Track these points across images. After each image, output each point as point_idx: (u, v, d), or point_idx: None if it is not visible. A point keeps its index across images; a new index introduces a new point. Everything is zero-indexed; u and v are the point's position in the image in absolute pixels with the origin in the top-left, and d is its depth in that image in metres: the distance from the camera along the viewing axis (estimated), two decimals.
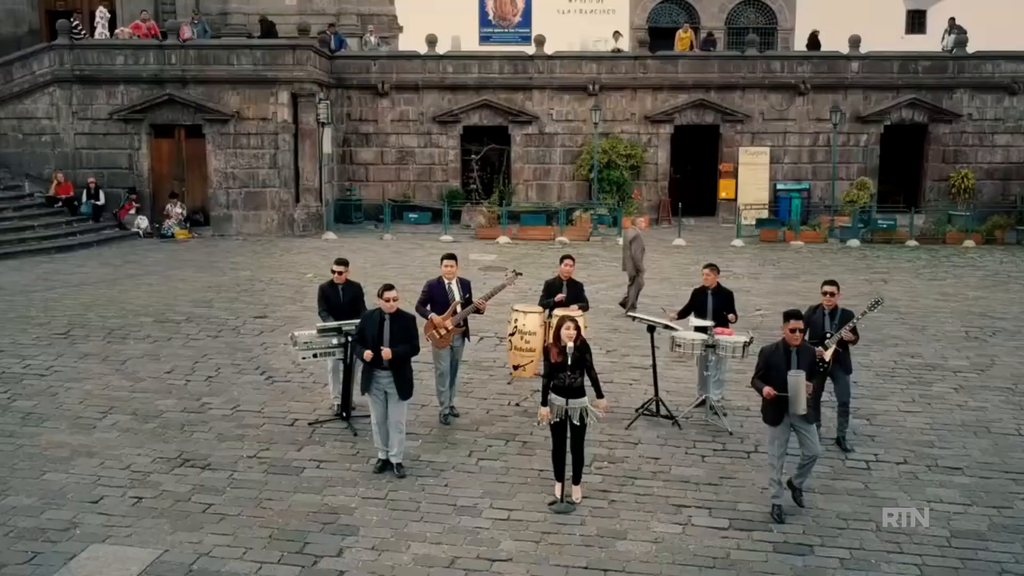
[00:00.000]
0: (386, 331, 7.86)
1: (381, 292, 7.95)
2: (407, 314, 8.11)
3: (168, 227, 21.28)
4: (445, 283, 9.36)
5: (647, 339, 12.23)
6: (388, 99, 24.64)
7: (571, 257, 10.01)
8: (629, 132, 24.69)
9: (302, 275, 16.96)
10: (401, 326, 7.95)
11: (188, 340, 12.36)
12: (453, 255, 9.44)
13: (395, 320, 7.93)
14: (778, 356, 7.40)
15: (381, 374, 7.86)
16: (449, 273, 9.33)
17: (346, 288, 9.52)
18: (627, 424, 9.32)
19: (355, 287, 9.62)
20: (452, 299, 9.26)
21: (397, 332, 7.89)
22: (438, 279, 9.44)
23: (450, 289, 9.34)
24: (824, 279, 8.97)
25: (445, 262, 9.36)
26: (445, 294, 9.31)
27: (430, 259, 18.91)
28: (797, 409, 7.09)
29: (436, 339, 9.22)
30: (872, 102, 24.69)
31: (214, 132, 21.61)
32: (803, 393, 7.06)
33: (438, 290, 9.34)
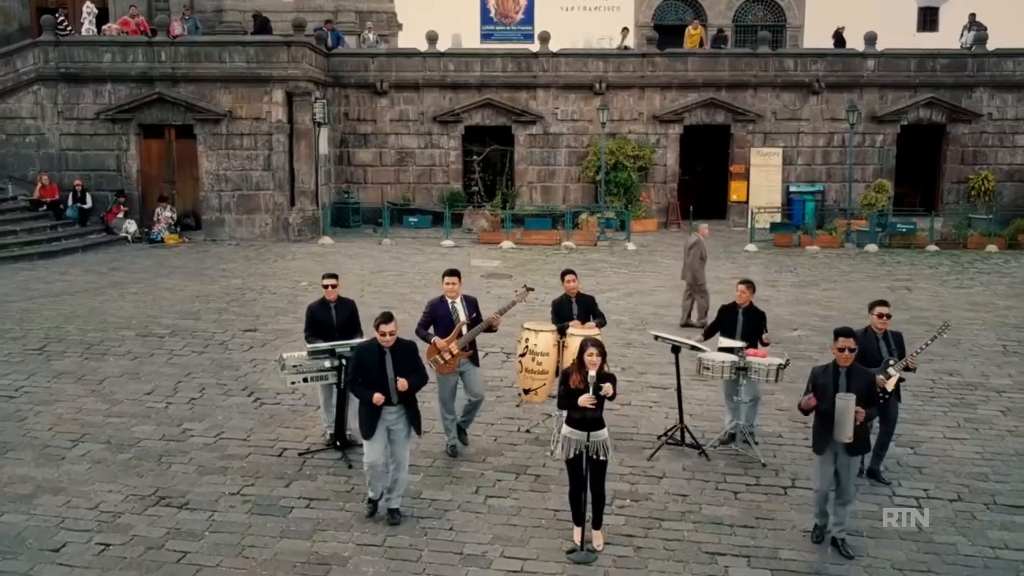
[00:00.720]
0: (389, 366, 6.97)
1: (377, 324, 7.03)
2: (407, 342, 7.22)
3: (157, 232, 20.44)
4: (448, 302, 8.49)
5: (664, 354, 11.42)
6: (387, 98, 23.80)
7: (572, 272, 9.13)
8: (637, 132, 23.85)
9: (296, 283, 16.11)
10: (405, 357, 7.07)
11: (171, 356, 11.51)
12: (456, 271, 8.56)
13: (396, 352, 7.03)
14: (827, 377, 6.71)
15: (389, 410, 6.99)
16: (452, 291, 8.47)
17: (339, 306, 8.66)
18: (649, 454, 8.48)
19: (349, 305, 8.76)
20: (456, 320, 8.39)
21: (402, 365, 7.01)
22: (440, 298, 8.57)
23: (454, 309, 8.47)
24: (875, 299, 8.07)
25: (447, 279, 8.49)
26: (449, 315, 8.44)
27: (430, 265, 18.09)
28: (841, 435, 6.45)
29: (440, 364, 8.36)
30: (888, 101, 23.85)
31: (205, 132, 20.77)
32: (851, 418, 6.38)
33: (441, 310, 8.48)
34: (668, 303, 14.95)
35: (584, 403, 6.44)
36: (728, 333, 8.79)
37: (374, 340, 7.11)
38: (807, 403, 6.70)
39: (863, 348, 7.58)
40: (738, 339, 8.68)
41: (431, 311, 8.54)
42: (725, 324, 8.92)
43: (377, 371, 6.95)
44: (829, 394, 6.55)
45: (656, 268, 18.24)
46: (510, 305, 8.68)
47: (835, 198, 24.08)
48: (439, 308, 8.51)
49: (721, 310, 9.08)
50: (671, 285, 16.42)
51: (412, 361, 7.11)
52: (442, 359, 8.35)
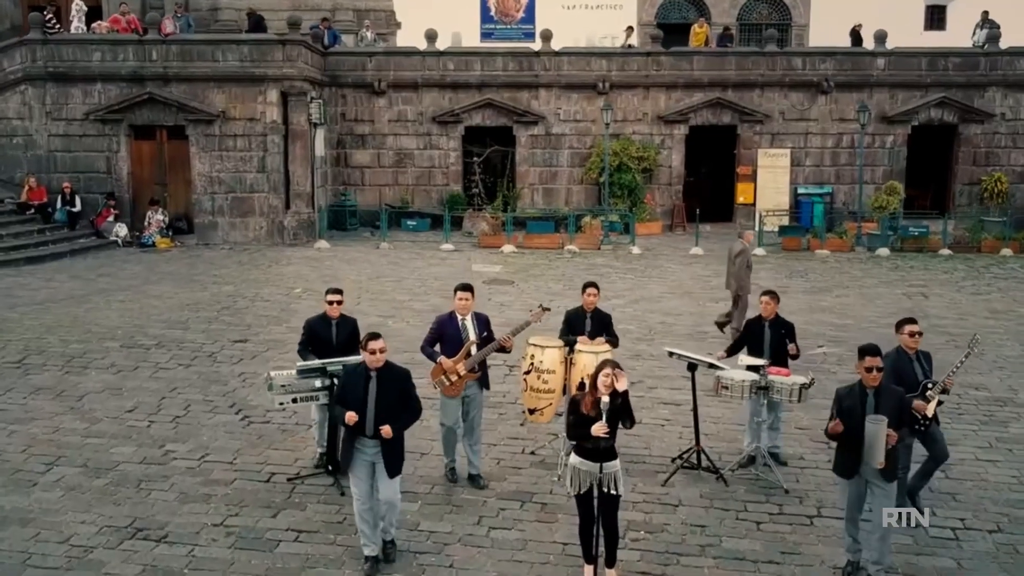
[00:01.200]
0: (372, 392, 6.27)
1: (364, 343, 6.40)
2: (399, 368, 6.55)
3: (149, 236, 19.86)
4: (458, 319, 7.83)
5: (675, 367, 10.86)
6: (385, 98, 23.22)
7: (595, 285, 8.54)
8: (641, 133, 23.28)
9: (290, 290, 15.54)
10: (392, 385, 6.35)
11: (157, 370, 10.93)
12: (469, 286, 7.90)
13: (384, 377, 6.34)
14: (853, 399, 6.17)
15: (367, 443, 6.31)
16: (464, 308, 7.80)
17: (341, 324, 8.06)
18: (664, 479, 7.90)
19: (351, 323, 8.16)
20: (466, 338, 7.78)
21: (387, 394, 6.30)
22: (449, 315, 7.93)
23: (464, 327, 7.83)
24: (904, 317, 7.48)
25: (460, 295, 7.80)
26: (458, 332, 7.79)
27: (429, 270, 17.53)
28: (872, 460, 5.93)
29: (445, 386, 7.75)
30: (899, 101, 23.28)
31: (198, 133, 20.19)
32: (882, 443, 5.86)
33: (450, 328, 7.84)
34: (676, 311, 14.38)
35: (598, 433, 5.87)
36: (755, 349, 8.20)
37: (361, 364, 6.48)
38: (833, 429, 6.17)
39: (898, 371, 7.01)
40: (766, 355, 8.12)
41: (439, 328, 7.93)
42: (751, 340, 8.34)
43: (359, 396, 6.28)
44: (856, 417, 6.03)
45: (662, 274, 17.68)
46: (524, 325, 8.06)
47: (844, 200, 23.51)
48: (448, 325, 7.89)
49: (746, 326, 8.52)
50: (679, 292, 15.87)
51: (403, 390, 6.40)
52: (447, 380, 7.75)
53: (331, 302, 8.01)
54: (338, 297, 8.02)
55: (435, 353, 7.80)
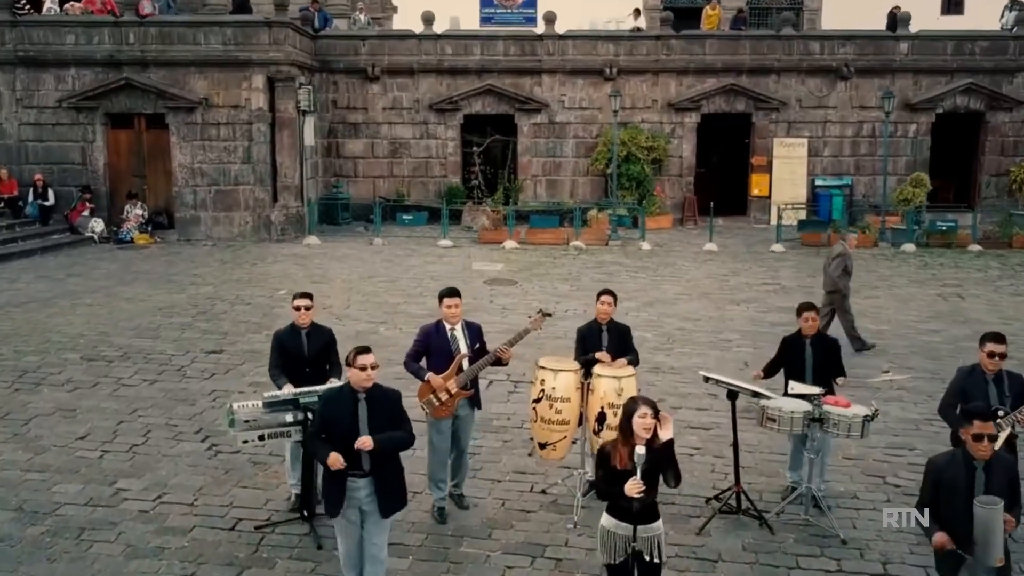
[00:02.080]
0: (362, 418, 5.20)
1: (352, 358, 5.26)
2: (390, 390, 5.46)
3: (126, 231, 18.62)
4: (447, 329, 6.77)
5: (697, 382, 9.68)
6: (379, 84, 21.95)
7: (610, 293, 7.33)
8: (650, 121, 22.02)
9: (274, 292, 14.32)
10: (385, 409, 5.28)
11: (118, 387, 9.72)
12: (455, 291, 6.82)
13: (375, 400, 5.25)
14: (955, 471, 4.78)
15: (357, 483, 5.21)
16: (452, 316, 6.75)
17: (313, 335, 6.92)
18: (699, 526, 6.71)
19: (324, 333, 7.01)
20: (456, 351, 6.67)
21: (380, 419, 5.22)
22: (436, 324, 6.84)
23: (453, 337, 6.76)
24: (988, 332, 6.28)
25: (446, 301, 6.76)
26: (447, 345, 6.74)
27: (426, 269, 16.32)
28: (988, 559, 4.53)
29: (434, 407, 6.65)
30: (923, 88, 22.03)
31: (179, 122, 18.92)
32: (999, 535, 4.51)
33: (437, 339, 6.75)
34: (695, 315, 13.17)
35: (632, 492, 4.67)
36: (795, 371, 7.03)
37: (345, 386, 5.36)
38: (941, 544, 4.67)
39: (967, 392, 5.86)
40: (808, 378, 6.96)
41: (424, 339, 6.83)
42: (790, 360, 7.16)
43: (348, 426, 5.17)
44: (961, 497, 4.64)
45: (676, 272, 16.46)
46: (523, 334, 6.94)
47: (864, 192, 22.29)
48: (434, 336, 6.79)
49: (783, 344, 7.31)
50: (696, 293, 14.66)
51: (395, 414, 5.32)
52: (437, 400, 6.65)
53: (298, 308, 6.87)
54: (306, 302, 6.88)
55: (421, 369, 6.73)
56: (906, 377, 9.89)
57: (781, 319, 12.90)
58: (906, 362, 10.93)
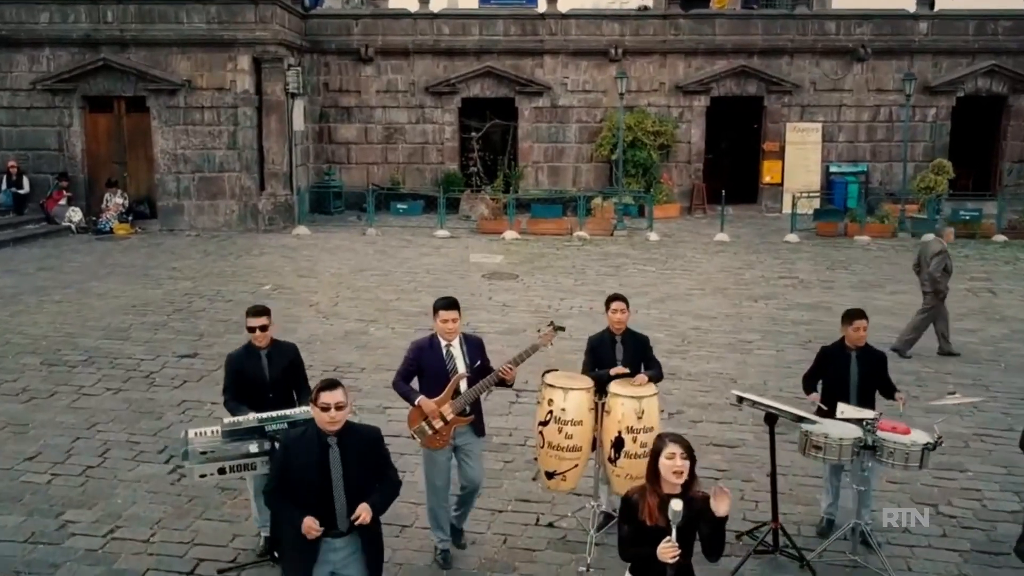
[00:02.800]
0: (335, 468, 4.22)
1: (316, 394, 4.26)
2: (365, 430, 4.46)
3: (106, 221, 17.67)
4: (442, 345, 5.80)
5: (722, 390, 8.79)
6: (373, 66, 20.93)
7: (622, 298, 6.37)
8: (657, 105, 21.03)
9: (258, 287, 13.39)
10: (362, 455, 4.30)
11: (78, 396, 8.79)
12: (453, 303, 5.83)
13: (349, 445, 4.27)
14: None
15: (334, 544, 4.27)
16: (449, 331, 5.77)
17: (274, 354, 5.95)
18: (733, 569, 5.80)
19: (287, 351, 6.05)
20: (453, 371, 5.74)
21: (357, 468, 4.26)
22: (430, 339, 5.89)
23: (449, 355, 5.80)
24: None
25: (442, 314, 5.75)
26: (442, 363, 5.77)
27: (421, 261, 15.38)
28: None
29: (427, 436, 5.72)
30: (943, 70, 21.04)
31: (160, 105, 17.93)
32: None
33: (430, 356, 5.80)
34: (710, 312, 12.23)
35: (667, 557, 3.75)
36: (836, 388, 6.10)
37: (310, 427, 4.37)
38: None
39: None
40: (852, 396, 6.05)
41: (415, 357, 5.87)
42: (832, 375, 6.22)
43: (317, 479, 4.22)
44: None
45: (687, 264, 15.52)
46: (531, 351, 5.97)
47: (880, 180, 21.33)
48: (428, 353, 5.84)
49: (823, 356, 6.37)
50: (709, 288, 13.72)
51: (375, 460, 4.36)
52: (429, 428, 5.72)
53: (252, 329, 5.86)
54: (262, 321, 5.86)
55: (411, 392, 5.76)
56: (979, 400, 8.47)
57: (803, 317, 12.00)
58: (943, 367, 10.01)
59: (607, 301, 6.39)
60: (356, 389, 9.00)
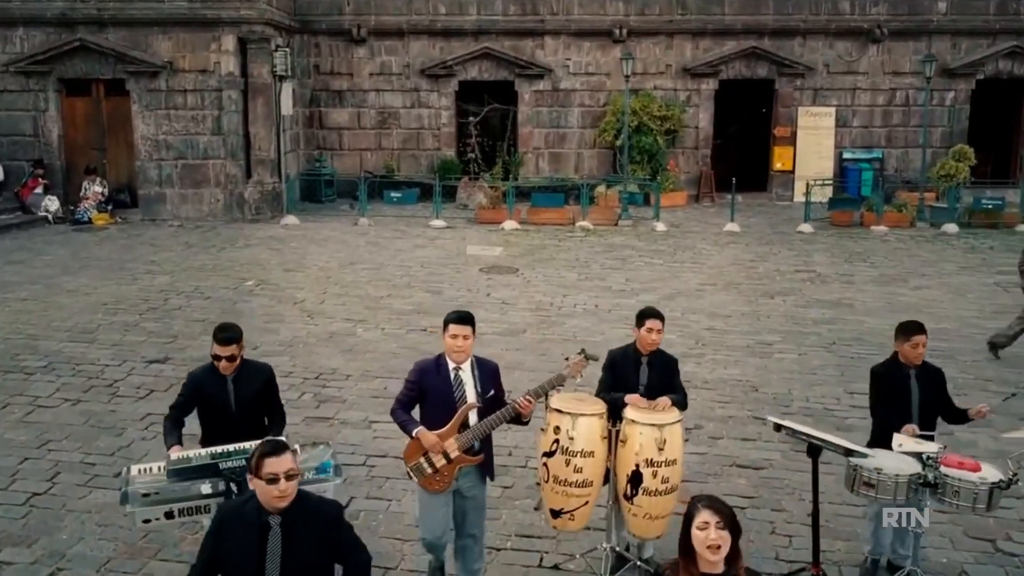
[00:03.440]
0: (272, 559, 3.38)
1: (257, 462, 3.41)
2: (321, 505, 3.60)
3: (84, 210, 16.79)
4: (450, 368, 4.94)
5: (743, 401, 7.99)
6: (365, 47, 19.99)
7: (658, 315, 5.48)
8: (664, 88, 20.11)
9: (241, 282, 12.55)
10: (314, 543, 3.45)
11: (32, 409, 7.97)
12: (467, 317, 4.94)
13: (294, 527, 3.42)
14: None
15: None
16: (459, 350, 4.90)
17: (243, 377, 5.11)
18: None
19: (259, 374, 5.22)
20: (461, 400, 4.91)
21: (303, 559, 3.41)
22: (437, 360, 5.02)
23: (458, 381, 4.94)
24: None
25: (452, 329, 4.88)
26: (449, 389, 4.92)
27: (415, 254, 14.53)
28: None
29: (425, 475, 4.87)
30: (962, 51, 20.11)
31: (140, 88, 17.02)
32: None
33: (436, 382, 4.95)
34: (723, 310, 11.39)
35: None
36: (897, 412, 5.26)
37: (250, 501, 3.50)
38: None
39: None
40: (915, 420, 5.21)
41: (419, 379, 5.00)
42: (889, 400, 5.37)
43: (252, 567, 3.37)
44: None
45: (697, 257, 14.67)
46: (557, 382, 5.07)
47: (896, 166, 20.44)
48: (433, 376, 4.97)
49: (877, 378, 5.51)
50: (722, 283, 12.88)
51: (329, 547, 3.50)
52: (429, 466, 4.87)
53: (217, 358, 5.00)
54: (229, 351, 4.99)
55: (410, 421, 4.91)
56: None
57: (824, 315, 11.17)
58: (982, 372, 9.18)
59: (640, 316, 5.51)
60: (339, 400, 8.18)
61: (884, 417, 5.29)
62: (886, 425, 5.18)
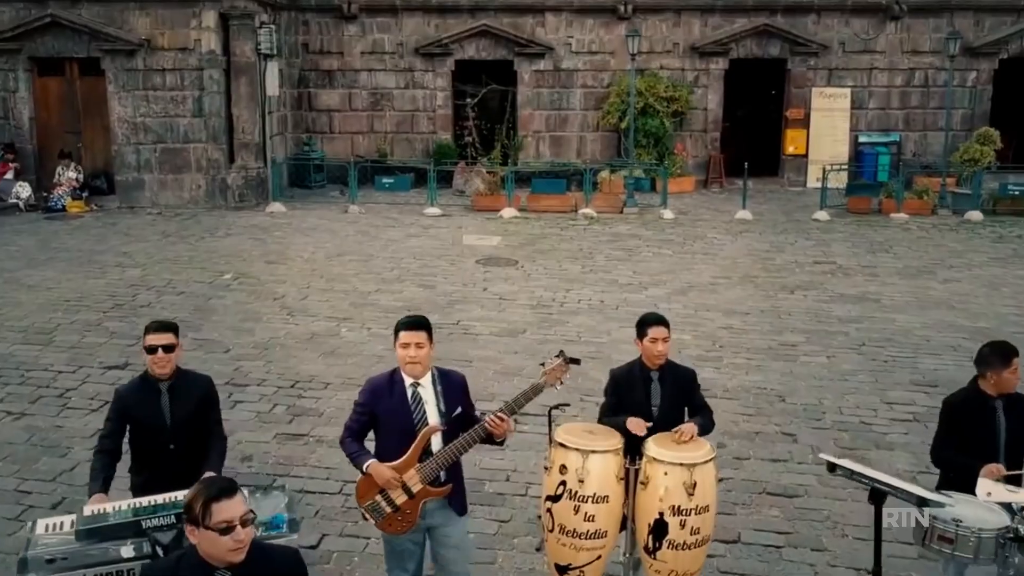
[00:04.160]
0: None
1: (202, 509, 2.61)
2: (284, 557, 2.82)
3: (58, 197, 15.84)
4: (406, 384, 4.11)
5: (765, 415, 7.13)
6: (357, 25, 18.99)
7: (663, 322, 4.59)
8: (671, 68, 19.12)
9: (218, 276, 11.64)
10: None
11: None
12: (420, 322, 4.15)
13: None
14: None
15: None
16: (412, 360, 4.07)
17: (179, 389, 4.31)
18: None
19: (199, 385, 4.42)
20: (422, 422, 4.06)
21: None
22: (391, 376, 4.18)
23: (416, 399, 4.11)
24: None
25: (403, 336, 4.06)
26: (406, 410, 4.09)
27: (408, 244, 13.63)
28: None
29: (385, 516, 4.08)
30: (985, 29, 19.11)
31: (117, 68, 16.02)
32: None
33: (390, 403, 4.11)
34: (740, 306, 10.50)
35: None
36: (977, 453, 4.34)
37: (186, 555, 2.73)
38: None
39: None
40: (1001, 458, 4.33)
41: (370, 400, 4.16)
42: (968, 436, 4.45)
43: None
44: None
45: (708, 247, 13.75)
46: (531, 393, 4.26)
47: (914, 150, 19.49)
48: (386, 397, 4.12)
49: (951, 411, 4.58)
50: (737, 276, 11.97)
51: None
52: (387, 505, 4.05)
53: (151, 349, 4.19)
54: (164, 339, 4.21)
55: (361, 453, 4.09)
56: None
57: (850, 313, 10.27)
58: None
59: (640, 324, 4.62)
60: (316, 413, 7.29)
61: (957, 457, 4.39)
62: (963, 466, 4.28)
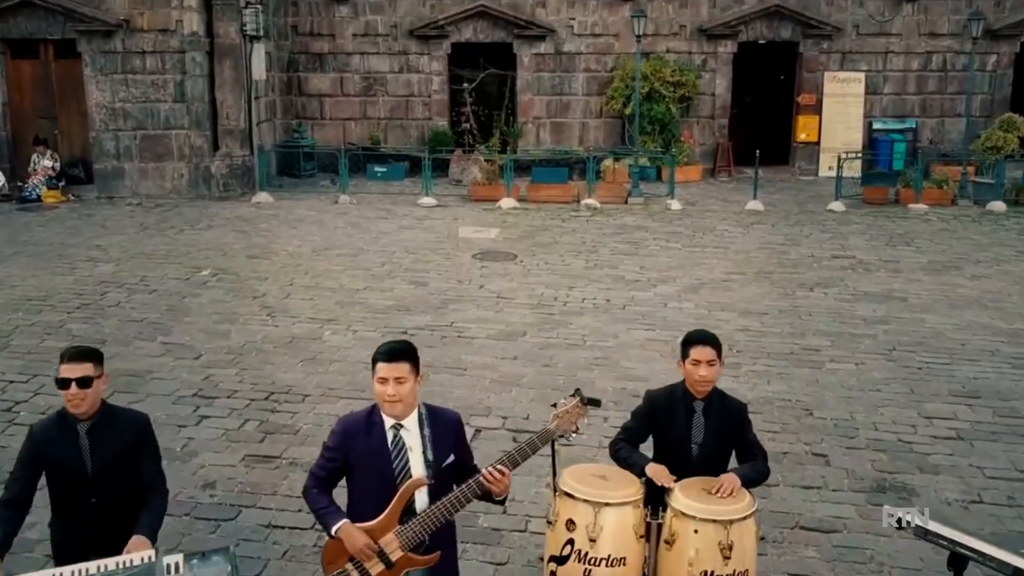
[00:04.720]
0: None
1: None
2: None
3: (33, 187, 15.06)
4: (386, 425, 3.37)
5: (790, 435, 6.41)
6: (348, 5, 18.15)
7: (710, 341, 3.80)
8: (677, 51, 18.28)
9: (195, 271, 10.87)
10: None
11: None
12: (404, 350, 3.36)
13: None
14: None
15: None
16: (392, 400, 3.31)
17: (102, 429, 3.57)
18: None
19: (127, 427, 3.68)
20: (404, 473, 3.35)
21: None
22: (368, 414, 3.42)
23: (398, 443, 3.37)
24: None
25: (381, 369, 3.29)
26: (384, 456, 3.36)
27: (400, 237, 12.87)
28: None
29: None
30: (1006, 10, 18.28)
31: (93, 50, 15.20)
32: None
33: (366, 446, 3.38)
34: (757, 305, 9.74)
35: None
36: None
37: None
38: None
39: None
40: None
41: (343, 443, 3.43)
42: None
43: None
44: None
45: (719, 240, 12.98)
46: (538, 442, 3.52)
47: (931, 138, 18.70)
48: (361, 439, 3.40)
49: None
50: (751, 271, 11.21)
51: None
52: (360, 575, 3.27)
53: (64, 383, 3.46)
54: (81, 370, 3.47)
55: (330, 511, 3.35)
56: None
57: (875, 313, 9.52)
58: None
59: (684, 343, 3.83)
60: (291, 430, 6.54)
61: None
62: None
